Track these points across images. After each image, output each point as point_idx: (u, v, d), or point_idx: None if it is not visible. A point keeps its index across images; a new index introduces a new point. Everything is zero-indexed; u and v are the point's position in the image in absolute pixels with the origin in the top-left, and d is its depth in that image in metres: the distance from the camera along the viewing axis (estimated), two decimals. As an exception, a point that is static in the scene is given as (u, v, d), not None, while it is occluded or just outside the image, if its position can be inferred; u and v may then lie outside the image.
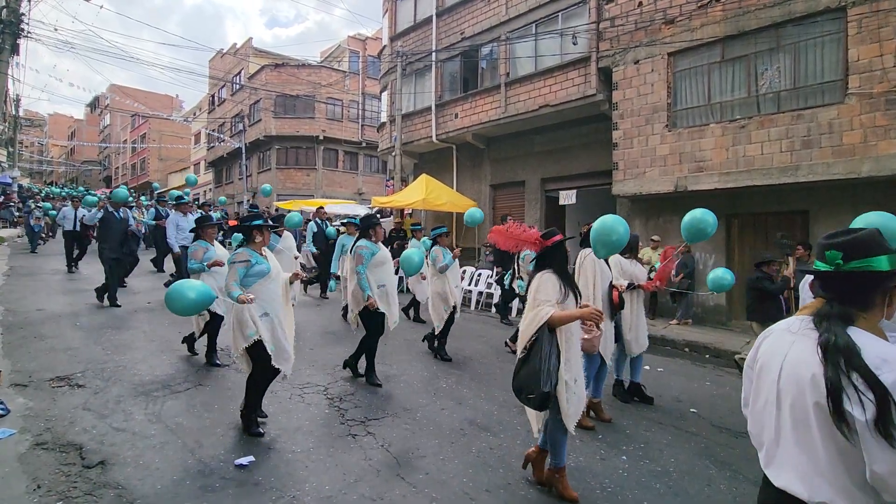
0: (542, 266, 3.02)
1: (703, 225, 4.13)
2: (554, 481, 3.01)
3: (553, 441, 2.97)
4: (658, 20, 8.53)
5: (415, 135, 13.81)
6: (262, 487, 2.94)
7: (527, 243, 3.03)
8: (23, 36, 13.18)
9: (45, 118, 52.91)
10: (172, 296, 3.27)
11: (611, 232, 3.46)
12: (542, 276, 2.92)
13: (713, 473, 3.38)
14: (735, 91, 7.87)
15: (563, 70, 10.12)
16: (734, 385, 5.45)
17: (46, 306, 7.28)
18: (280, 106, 24.57)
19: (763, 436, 1.45)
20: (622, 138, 9.02)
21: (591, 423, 4.02)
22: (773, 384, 1.40)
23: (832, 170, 6.77)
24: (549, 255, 3.00)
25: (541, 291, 2.86)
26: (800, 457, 1.32)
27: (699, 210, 4.22)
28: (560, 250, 3.02)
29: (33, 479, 2.91)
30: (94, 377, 4.59)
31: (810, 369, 1.28)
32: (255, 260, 3.61)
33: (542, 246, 3.00)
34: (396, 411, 4.20)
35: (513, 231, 3.06)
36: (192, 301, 3.31)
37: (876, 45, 6.47)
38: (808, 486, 1.29)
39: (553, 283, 2.87)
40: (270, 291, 3.65)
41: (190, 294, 3.28)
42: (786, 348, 1.40)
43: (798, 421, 1.32)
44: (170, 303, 3.28)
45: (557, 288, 2.86)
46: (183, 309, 3.34)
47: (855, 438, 1.19)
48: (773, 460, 1.41)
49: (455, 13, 12.67)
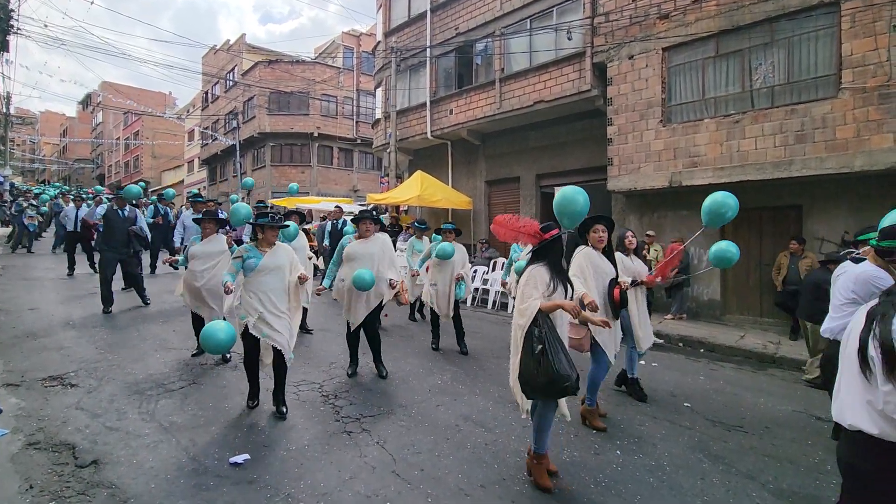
0: (537, 259, 3.03)
1: (725, 209, 4.01)
2: (532, 467, 3.06)
3: (542, 425, 3.03)
4: (652, 15, 8.52)
5: (409, 131, 13.76)
6: (256, 485, 2.93)
7: (525, 235, 3.04)
8: (12, 32, 13.05)
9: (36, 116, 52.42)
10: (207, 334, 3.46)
11: (572, 202, 3.61)
12: (534, 269, 2.96)
13: (707, 467, 3.39)
14: (729, 86, 7.88)
15: (558, 65, 10.10)
16: (728, 379, 5.48)
17: (39, 305, 7.23)
18: (274, 103, 24.42)
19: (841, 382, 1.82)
20: (617, 134, 9.02)
21: (603, 424, 3.95)
22: (844, 344, 1.81)
23: (825, 164, 6.80)
24: (546, 248, 3.01)
25: (529, 284, 2.90)
26: (845, 395, 1.76)
27: (720, 193, 4.08)
28: (557, 244, 3.03)
29: (26, 479, 2.89)
30: (87, 376, 4.56)
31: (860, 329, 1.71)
32: (248, 255, 3.87)
33: (540, 239, 3.01)
34: (391, 408, 4.20)
35: (512, 223, 3.08)
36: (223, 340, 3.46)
37: (869, 39, 6.49)
38: (850, 414, 1.71)
39: (542, 276, 2.91)
40: (263, 284, 3.84)
41: (220, 335, 3.45)
42: (858, 316, 1.77)
43: (846, 368, 1.76)
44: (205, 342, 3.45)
45: (546, 281, 2.90)
46: (216, 347, 3.48)
47: (874, 380, 1.60)
48: (835, 401, 1.85)
49: (449, 8, 12.61)
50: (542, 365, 2.77)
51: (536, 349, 2.80)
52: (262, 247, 3.95)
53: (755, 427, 4.14)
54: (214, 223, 5.27)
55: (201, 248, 5.14)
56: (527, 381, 2.85)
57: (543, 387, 2.79)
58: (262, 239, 3.95)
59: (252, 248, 3.93)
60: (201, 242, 5.18)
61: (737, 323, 8.25)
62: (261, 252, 3.91)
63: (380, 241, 4.91)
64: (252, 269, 3.84)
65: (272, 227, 3.97)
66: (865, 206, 6.98)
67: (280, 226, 4.11)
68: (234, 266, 3.88)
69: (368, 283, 4.46)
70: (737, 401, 4.79)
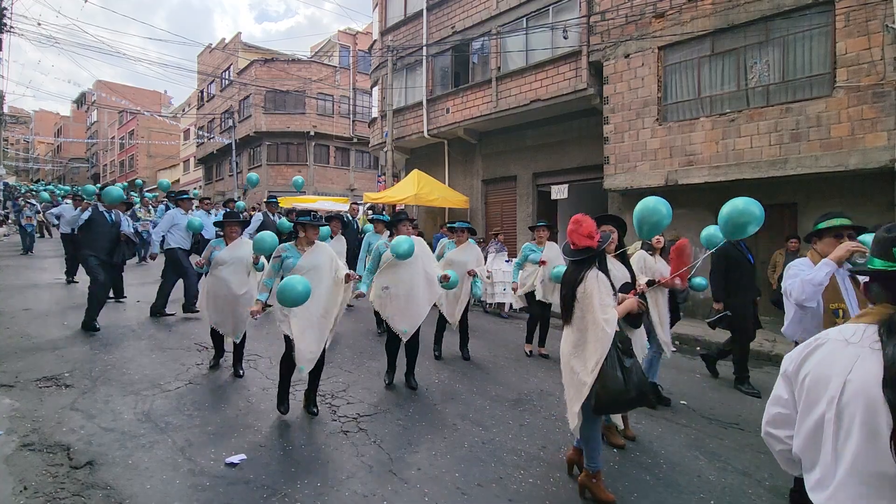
0: (589, 263, 2.81)
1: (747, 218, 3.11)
2: (590, 486, 2.91)
3: (595, 441, 2.88)
4: (648, 14, 8.54)
5: (406, 130, 13.75)
6: (252, 485, 2.92)
7: (581, 237, 2.80)
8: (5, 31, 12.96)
9: (30, 115, 52.08)
10: (285, 288, 3.37)
11: (654, 213, 3.42)
12: (599, 275, 2.77)
13: (703, 465, 3.41)
14: (725, 85, 7.90)
15: (554, 64, 10.11)
16: (723, 377, 5.50)
17: (33, 306, 7.19)
18: (270, 101, 24.34)
19: (818, 458, 1.24)
20: (613, 132, 9.03)
21: (621, 440, 3.70)
22: (831, 403, 1.20)
23: (820, 163, 6.83)
24: (602, 251, 2.83)
25: (604, 292, 2.72)
26: (863, 488, 1.13)
27: (741, 199, 3.19)
28: (604, 248, 2.87)
29: (20, 480, 2.87)
30: (82, 377, 4.54)
31: None
32: (286, 255, 3.78)
33: (596, 242, 2.79)
34: (388, 407, 4.20)
35: (584, 222, 2.83)
36: (302, 293, 3.39)
37: (864, 38, 6.52)
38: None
39: (608, 284, 2.77)
40: None
41: (299, 287, 3.38)
42: (848, 363, 1.19)
43: (869, 448, 1.12)
44: (282, 294, 3.36)
45: (611, 287, 2.78)
46: (295, 299, 3.39)
47: None
48: (827, 486, 1.21)
49: (446, 7, 12.59)
50: (632, 378, 2.63)
51: (627, 363, 2.67)
52: (301, 246, 3.84)
53: (751, 424, 4.15)
54: (239, 226, 4.90)
55: (229, 254, 4.74)
56: (613, 399, 2.65)
57: (632, 401, 2.67)
58: (303, 238, 3.85)
59: (291, 248, 3.83)
60: (227, 247, 4.77)
61: (732, 321, 8.26)
62: (299, 251, 3.81)
63: (419, 243, 4.56)
64: (289, 270, 3.72)
65: (313, 227, 3.85)
66: (860, 204, 7.01)
67: (320, 224, 3.96)
68: (273, 269, 3.77)
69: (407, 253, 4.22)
70: (733, 398, 4.82)
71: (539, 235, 6.08)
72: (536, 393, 4.72)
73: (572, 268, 2.91)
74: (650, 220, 3.50)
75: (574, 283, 2.81)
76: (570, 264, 2.96)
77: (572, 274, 2.87)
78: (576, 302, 2.81)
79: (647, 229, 3.56)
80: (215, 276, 4.72)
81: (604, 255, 2.89)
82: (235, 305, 4.66)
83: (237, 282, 4.70)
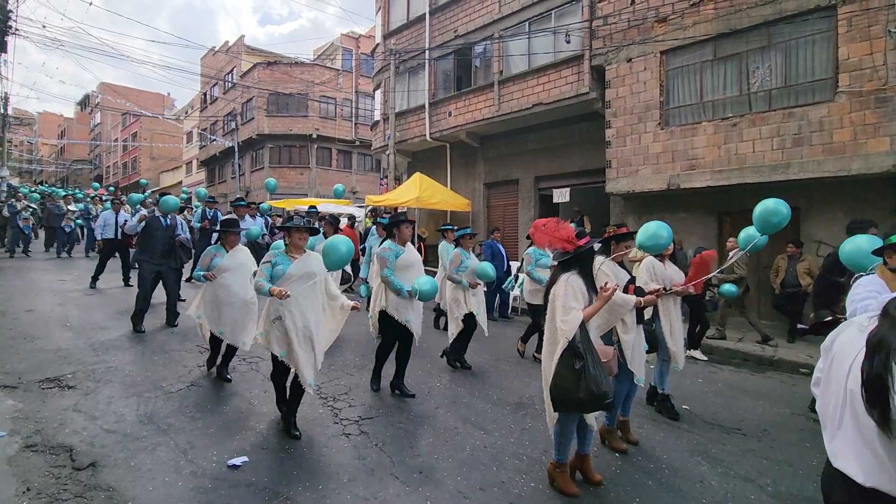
0: (569, 267, 2.89)
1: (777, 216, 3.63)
2: (555, 476, 3.03)
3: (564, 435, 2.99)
4: (650, 18, 8.56)
5: (408, 133, 13.78)
6: (254, 488, 2.92)
7: (558, 240, 2.91)
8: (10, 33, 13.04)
9: (34, 116, 52.31)
10: (328, 248, 3.43)
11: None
12: (570, 278, 2.83)
13: (705, 470, 3.40)
14: (727, 89, 7.91)
15: (557, 68, 10.13)
16: (726, 381, 5.49)
17: (36, 307, 7.21)
18: (273, 104, 24.43)
19: (827, 420, 1.50)
20: (615, 136, 9.04)
21: (623, 445, 3.66)
22: (842, 380, 1.41)
23: (822, 167, 6.83)
24: (580, 256, 2.89)
25: (569, 296, 2.78)
26: (860, 447, 1.36)
27: (771, 200, 3.68)
28: (589, 253, 2.93)
29: (23, 481, 2.88)
30: (85, 378, 4.55)
31: None
32: (276, 261, 3.63)
33: (574, 246, 2.87)
34: (390, 410, 4.20)
35: (550, 227, 2.96)
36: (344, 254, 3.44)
37: (866, 43, 6.53)
38: (864, 471, 1.34)
39: (580, 287, 2.81)
40: (293, 292, 3.50)
41: (342, 247, 3.41)
42: (858, 346, 1.36)
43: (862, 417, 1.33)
44: (326, 255, 3.43)
45: (584, 291, 2.82)
46: (338, 261, 3.46)
47: None
48: (833, 441, 1.47)
49: (448, 11, 12.64)
50: (582, 381, 2.67)
51: (576, 365, 2.69)
52: (292, 252, 3.69)
53: (754, 430, 4.14)
54: (238, 233, 4.87)
55: (231, 260, 4.66)
56: (562, 397, 2.74)
57: (581, 403, 2.70)
58: (290, 244, 3.70)
59: (281, 254, 3.67)
60: (228, 254, 4.70)
61: (735, 325, 8.26)
62: (290, 258, 3.65)
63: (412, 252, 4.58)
64: (279, 277, 3.56)
65: (299, 230, 3.68)
66: (863, 208, 7.00)
67: (310, 229, 3.83)
68: (266, 272, 3.60)
69: (432, 293, 4.15)
70: (735, 403, 4.80)
71: None
72: (538, 397, 4.71)
73: (555, 270, 3.02)
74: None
75: (550, 284, 2.97)
76: (556, 266, 3.05)
77: (552, 276, 3.00)
78: (549, 302, 2.93)
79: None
80: (219, 283, 4.60)
81: (590, 260, 2.97)
82: (244, 311, 4.62)
83: (243, 287, 4.66)
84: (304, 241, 3.71)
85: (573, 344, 2.73)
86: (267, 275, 3.60)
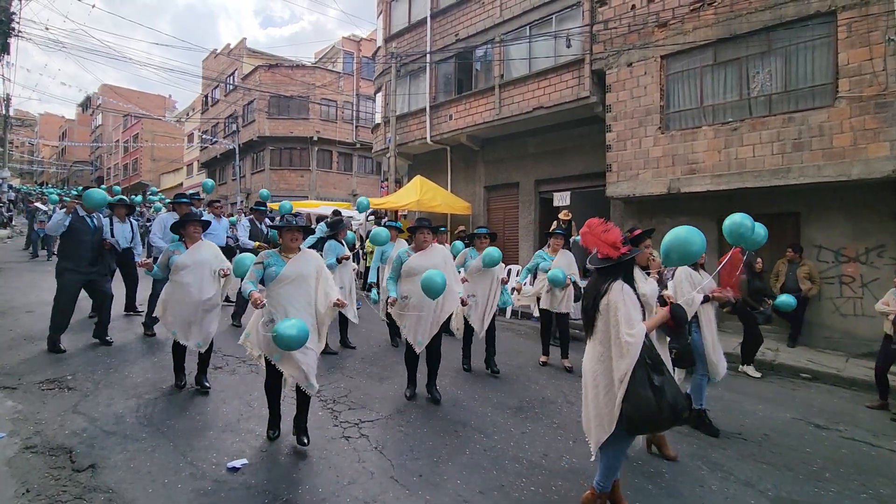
0: (613, 275, 2.67)
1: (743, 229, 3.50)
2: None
3: (615, 463, 2.76)
4: (651, 23, 8.59)
5: (409, 136, 13.80)
6: (254, 490, 2.92)
7: (605, 245, 2.68)
8: (13, 35, 13.08)
9: (35, 118, 52.41)
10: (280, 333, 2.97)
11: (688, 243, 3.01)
12: (624, 287, 2.63)
13: (705, 474, 3.39)
14: (727, 94, 7.93)
15: (557, 72, 10.16)
16: (727, 386, 5.48)
17: (36, 309, 7.20)
18: (274, 107, 24.48)
19: None
20: (615, 140, 9.06)
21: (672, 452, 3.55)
22: None
23: (823, 172, 6.84)
24: (623, 263, 2.68)
25: (628, 305, 2.57)
26: None
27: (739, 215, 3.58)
28: (632, 260, 2.76)
29: (22, 482, 2.87)
30: (85, 380, 4.54)
31: None
32: (270, 262, 3.44)
33: (619, 253, 2.65)
34: (390, 413, 4.19)
35: (596, 228, 2.73)
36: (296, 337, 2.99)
37: (865, 48, 6.55)
38: None
39: (634, 297, 2.63)
40: (287, 295, 3.38)
41: (291, 331, 2.97)
42: None
43: None
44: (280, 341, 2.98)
45: (637, 300, 2.65)
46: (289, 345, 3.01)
47: None
48: None
49: (449, 15, 12.68)
50: (664, 398, 2.48)
51: (656, 381, 2.51)
52: (285, 253, 3.52)
53: (754, 434, 4.14)
54: (200, 225, 4.48)
55: (190, 257, 4.31)
56: (645, 419, 2.49)
57: (665, 421, 2.53)
58: (283, 245, 3.54)
59: (274, 255, 3.51)
60: (188, 250, 4.34)
61: (735, 329, 8.25)
62: (283, 259, 3.47)
63: (441, 253, 4.48)
64: (272, 279, 3.40)
65: (291, 231, 3.53)
66: (863, 213, 7.02)
67: (302, 228, 3.67)
68: (255, 273, 3.43)
69: (440, 287, 3.90)
70: (735, 408, 4.80)
71: (554, 244, 5.99)
72: (538, 400, 4.71)
73: (595, 277, 2.78)
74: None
75: (597, 295, 2.69)
76: (594, 273, 2.82)
77: (595, 284, 2.74)
78: (598, 314, 2.67)
79: None
80: (176, 281, 4.30)
81: (631, 268, 2.78)
82: (201, 311, 4.30)
83: (201, 286, 4.31)
84: (297, 242, 3.56)
85: (649, 356, 2.55)
86: (257, 276, 3.43)
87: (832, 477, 3.46)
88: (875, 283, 6.87)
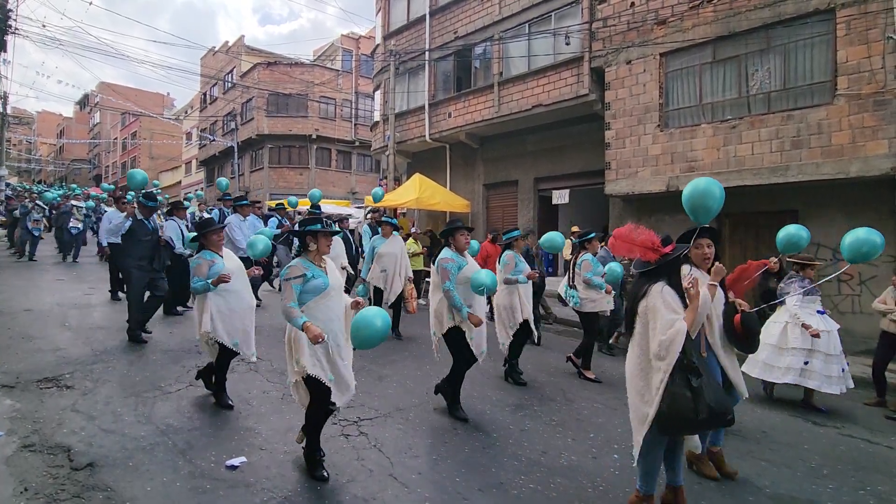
0: (655, 278, 2.62)
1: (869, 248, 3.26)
2: None
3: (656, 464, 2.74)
4: (650, 21, 8.58)
5: (408, 134, 13.79)
6: (253, 489, 2.92)
7: (640, 249, 2.63)
8: (10, 32, 13.03)
9: (33, 116, 52.25)
10: (359, 324, 2.70)
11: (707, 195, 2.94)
12: (664, 289, 2.57)
13: (704, 471, 3.39)
14: (726, 91, 7.94)
15: (556, 70, 10.15)
16: (725, 383, 5.48)
17: (34, 307, 7.19)
18: (273, 104, 24.44)
19: None
20: (614, 138, 9.06)
21: (714, 471, 3.32)
22: None
23: (821, 170, 6.85)
24: (667, 265, 2.62)
25: (666, 307, 2.52)
26: None
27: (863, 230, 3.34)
28: (677, 260, 2.66)
29: (20, 481, 2.87)
30: (83, 378, 4.54)
31: None
32: (311, 273, 2.99)
33: (659, 254, 2.61)
34: (389, 411, 4.20)
35: (629, 234, 2.69)
36: (380, 330, 2.71)
37: (864, 46, 6.55)
38: None
39: (674, 296, 2.57)
40: (329, 310, 3.02)
41: (377, 322, 2.69)
42: None
43: None
44: (356, 332, 2.71)
45: (679, 302, 2.58)
46: (369, 339, 2.70)
47: None
48: None
49: (448, 12, 12.66)
50: (702, 399, 2.43)
51: (694, 382, 2.45)
52: (318, 261, 3.09)
53: (752, 432, 4.15)
54: (221, 234, 4.21)
55: (230, 263, 4.12)
56: (681, 420, 2.45)
57: (702, 424, 2.49)
58: (315, 252, 3.08)
59: (309, 264, 3.03)
60: (222, 258, 4.11)
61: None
62: (320, 268, 3.06)
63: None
64: (318, 292, 2.97)
65: (325, 235, 3.11)
66: (861, 211, 7.03)
67: (333, 232, 3.31)
68: (295, 290, 2.92)
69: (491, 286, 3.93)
70: (734, 407, 4.79)
71: (592, 246, 5.73)
72: (537, 398, 4.72)
73: (637, 280, 2.76)
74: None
75: (636, 297, 2.67)
76: (637, 277, 2.80)
77: (635, 287, 2.73)
78: (637, 317, 2.65)
79: None
80: (227, 290, 4.00)
81: (676, 269, 2.70)
82: (251, 318, 4.21)
83: (249, 291, 4.27)
84: (329, 248, 3.20)
85: (687, 359, 2.48)
86: (297, 293, 2.93)
87: (830, 474, 3.47)
88: (873, 281, 6.89)
